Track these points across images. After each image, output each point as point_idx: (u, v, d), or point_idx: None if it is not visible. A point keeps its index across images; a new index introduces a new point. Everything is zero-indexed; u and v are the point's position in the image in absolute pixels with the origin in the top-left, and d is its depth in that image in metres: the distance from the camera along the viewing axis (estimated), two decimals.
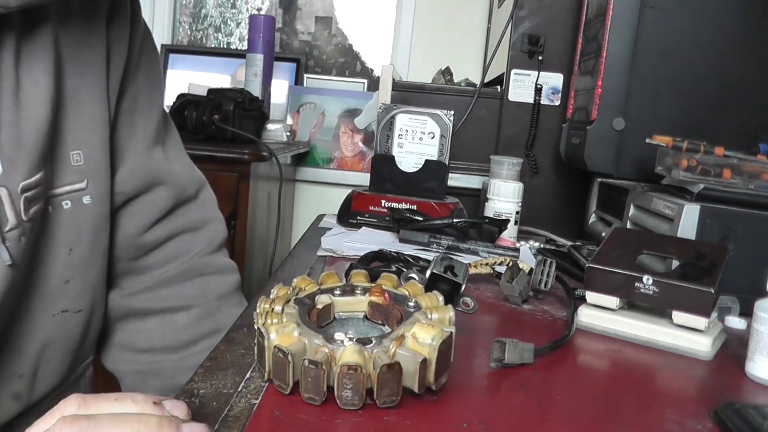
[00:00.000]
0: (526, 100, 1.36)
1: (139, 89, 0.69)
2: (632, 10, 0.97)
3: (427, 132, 1.08)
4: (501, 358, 0.49)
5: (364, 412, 0.40)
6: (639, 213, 0.87)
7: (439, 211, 1.01)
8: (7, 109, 0.55)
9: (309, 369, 0.39)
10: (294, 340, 0.41)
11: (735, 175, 0.77)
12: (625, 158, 0.99)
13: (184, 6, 2.42)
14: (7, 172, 0.55)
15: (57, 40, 0.59)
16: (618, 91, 0.98)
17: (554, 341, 0.55)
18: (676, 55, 0.97)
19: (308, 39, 2.37)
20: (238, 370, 0.46)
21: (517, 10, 1.34)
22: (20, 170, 0.55)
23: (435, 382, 0.41)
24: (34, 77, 0.56)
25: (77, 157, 0.62)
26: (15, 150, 0.55)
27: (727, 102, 0.97)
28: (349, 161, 2.06)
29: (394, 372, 0.39)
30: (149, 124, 0.71)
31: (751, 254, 0.71)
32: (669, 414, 0.45)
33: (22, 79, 0.56)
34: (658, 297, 0.59)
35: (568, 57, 1.29)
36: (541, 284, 0.69)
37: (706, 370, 0.55)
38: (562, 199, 1.36)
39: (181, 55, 2.24)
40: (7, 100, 0.55)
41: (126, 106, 0.68)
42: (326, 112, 2.07)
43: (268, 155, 1.44)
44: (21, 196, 0.56)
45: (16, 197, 0.55)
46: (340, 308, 0.48)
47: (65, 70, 0.60)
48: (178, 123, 1.50)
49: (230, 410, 0.40)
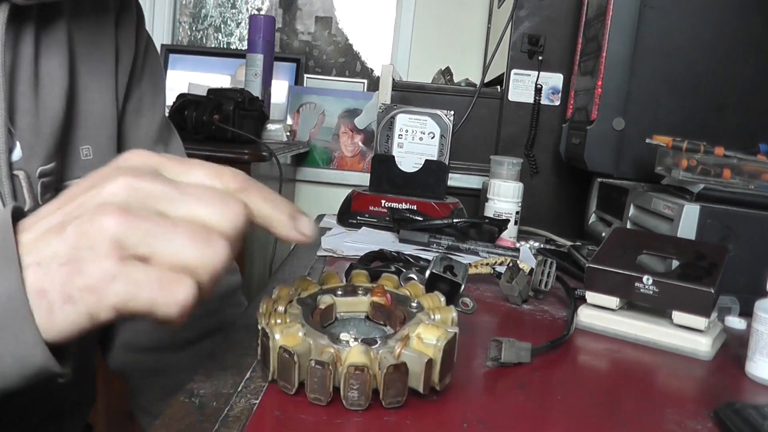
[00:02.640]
0: (526, 100, 1.36)
1: (144, 92, 0.72)
2: (632, 10, 0.97)
3: (427, 132, 1.08)
4: (498, 357, 0.49)
5: (364, 412, 0.40)
6: (639, 213, 0.87)
7: (439, 211, 1.01)
8: (26, 97, 0.57)
9: (315, 369, 0.39)
10: (299, 340, 0.41)
11: (735, 175, 0.77)
12: (625, 158, 0.99)
13: (184, 6, 2.42)
14: (26, 156, 0.57)
15: (70, 38, 0.61)
16: (618, 91, 0.98)
17: (552, 341, 0.55)
18: (676, 55, 0.97)
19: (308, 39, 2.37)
20: (238, 370, 0.46)
21: (517, 10, 1.34)
22: (38, 156, 0.57)
23: (439, 383, 0.41)
24: (50, 71, 0.59)
25: (86, 151, 0.63)
26: (33, 137, 0.57)
27: (727, 102, 0.97)
28: (349, 161, 2.06)
29: (400, 372, 0.39)
30: (152, 124, 0.73)
31: (751, 254, 0.71)
32: (669, 414, 0.45)
33: (40, 72, 0.58)
34: (658, 297, 0.59)
35: (568, 57, 1.29)
36: (541, 284, 0.69)
37: (706, 370, 0.55)
38: (562, 199, 1.36)
39: (181, 55, 2.24)
40: (27, 89, 0.57)
41: (131, 107, 0.70)
42: (326, 112, 2.07)
43: (268, 155, 1.44)
44: (39, 181, 0.58)
45: (34, 181, 0.57)
46: (341, 309, 0.48)
47: (78, 68, 0.62)
48: (178, 123, 1.51)
49: (230, 410, 0.40)
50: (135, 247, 0.34)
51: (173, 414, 0.39)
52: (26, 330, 0.35)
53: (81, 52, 0.62)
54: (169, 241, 0.34)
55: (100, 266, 0.34)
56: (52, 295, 0.35)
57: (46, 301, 0.35)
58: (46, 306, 0.35)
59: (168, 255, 0.34)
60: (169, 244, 0.34)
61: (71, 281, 0.34)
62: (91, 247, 0.34)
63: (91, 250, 0.34)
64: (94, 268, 0.34)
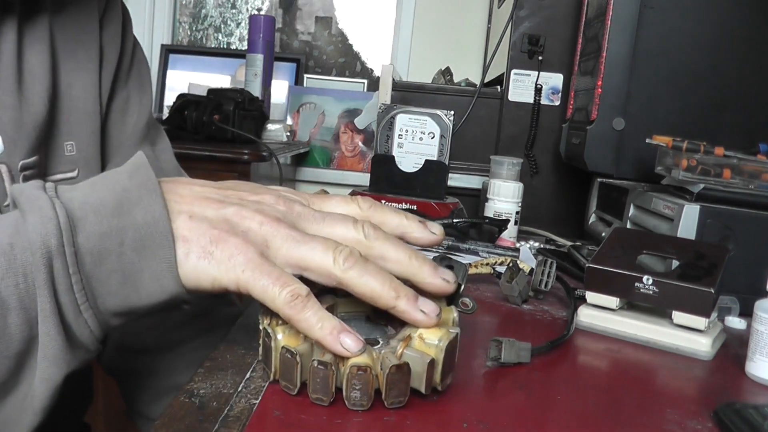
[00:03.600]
0: (526, 100, 1.36)
1: (131, 92, 0.73)
2: (632, 10, 0.97)
3: (427, 132, 1.08)
4: (498, 357, 0.49)
5: (364, 412, 0.40)
6: (639, 213, 0.87)
7: (439, 211, 1.01)
8: (10, 92, 0.58)
9: (318, 370, 0.39)
10: (301, 340, 0.41)
11: (735, 175, 0.77)
12: (625, 158, 0.99)
13: (184, 6, 2.42)
14: (8, 150, 0.57)
15: (52, 35, 0.62)
16: (618, 91, 0.98)
17: (552, 341, 0.55)
18: (676, 55, 0.97)
19: (308, 39, 2.37)
20: (238, 370, 0.46)
21: (517, 10, 1.34)
22: (20, 150, 0.58)
23: (441, 383, 0.41)
24: (32, 69, 0.60)
25: (70, 147, 0.65)
26: (16, 131, 0.58)
27: (727, 102, 0.97)
28: (349, 161, 2.06)
29: (402, 373, 0.39)
30: (139, 122, 0.74)
31: (751, 254, 0.71)
32: (669, 414, 0.45)
33: (22, 68, 0.59)
34: (658, 297, 0.59)
35: (568, 57, 1.29)
36: (541, 284, 0.69)
37: (706, 370, 0.55)
38: (562, 199, 1.36)
39: (181, 55, 2.24)
40: (10, 85, 0.58)
41: (118, 106, 0.72)
42: (326, 112, 2.07)
43: (268, 155, 1.44)
44: (20, 174, 0.58)
45: (15, 174, 0.58)
46: (343, 308, 0.48)
47: (60, 65, 0.63)
48: (178, 123, 1.51)
49: (230, 410, 0.40)
50: (276, 250, 0.41)
51: (173, 414, 0.39)
52: (167, 251, 0.40)
53: (64, 49, 0.64)
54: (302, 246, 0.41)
55: (245, 248, 0.40)
56: (193, 245, 0.40)
57: (186, 247, 0.40)
58: (184, 250, 0.40)
59: (293, 258, 0.41)
60: (300, 249, 0.41)
61: (215, 242, 0.40)
62: (245, 231, 0.41)
63: (243, 233, 0.41)
64: (239, 246, 0.40)
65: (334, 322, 0.40)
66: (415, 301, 0.41)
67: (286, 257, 0.41)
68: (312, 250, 0.41)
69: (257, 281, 0.39)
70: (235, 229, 0.41)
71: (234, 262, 0.40)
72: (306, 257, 0.41)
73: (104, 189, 0.41)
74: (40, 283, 0.38)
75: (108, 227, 0.40)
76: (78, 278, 0.39)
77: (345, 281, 0.41)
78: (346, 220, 0.44)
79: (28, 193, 0.40)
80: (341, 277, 0.41)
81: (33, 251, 0.38)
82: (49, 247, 0.38)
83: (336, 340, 0.39)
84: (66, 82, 0.64)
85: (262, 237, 0.41)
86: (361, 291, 0.41)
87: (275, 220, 0.42)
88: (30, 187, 0.41)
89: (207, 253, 0.40)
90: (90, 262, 0.39)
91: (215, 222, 0.41)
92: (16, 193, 0.41)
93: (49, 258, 0.38)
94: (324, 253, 0.40)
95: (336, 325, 0.40)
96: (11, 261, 0.38)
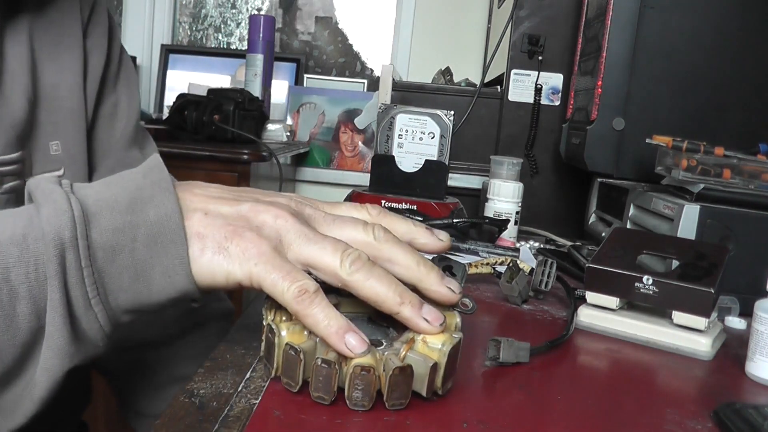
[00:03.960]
0: (526, 100, 1.36)
1: (119, 97, 0.74)
2: (632, 10, 0.97)
3: (427, 132, 1.08)
4: (496, 357, 0.49)
5: (364, 413, 0.40)
6: (639, 213, 0.87)
7: (439, 211, 1.01)
8: None
9: (321, 368, 0.39)
10: (305, 338, 0.41)
11: (735, 175, 0.77)
12: (625, 158, 0.99)
13: (184, 6, 2.42)
14: None
15: (32, 39, 0.63)
16: (618, 91, 0.98)
17: (551, 340, 0.55)
18: (676, 55, 0.97)
19: (308, 39, 2.37)
20: (238, 370, 0.46)
21: (517, 10, 1.34)
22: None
23: (442, 387, 0.41)
24: (12, 69, 0.61)
25: (56, 146, 0.65)
26: None
27: (727, 102, 0.97)
28: (349, 161, 2.06)
29: (405, 375, 0.39)
30: (128, 127, 0.75)
31: (751, 254, 0.71)
32: (669, 414, 0.45)
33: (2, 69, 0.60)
34: (658, 297, 0.59)
35: (568, 57, 1.29)
36: (541, 284, 0.69)
37: (706, 370, 0.55)
38: (562, 199, 1.36)
39: (181, 55, 2.24)
40: None
41: (106, 111, 0.73)
42: (326, 112, 2.07)
43: (268, 155, 1.44)
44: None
45: None
46: (345, 308, 0.48)
47: (43, 68, 0.64)
48: (178, 123, 1.51)
49: (230, 410, 0.40)
50: (288, 245, 0.42)
51: (173, 414, 0.39)
52: (179, 248, 0.41)
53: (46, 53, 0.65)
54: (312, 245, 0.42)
55: (259, 242, 0.41)
56: (209, 241, 0.41)
57: (200, 243, 0.41)
58: (199, 246, 0.41)
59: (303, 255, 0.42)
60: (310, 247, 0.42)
61: (230, 237, 0.41)
62: (260, 226, 0.42)
63: (257, 228, 0.42)
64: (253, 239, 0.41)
65: (341, 321, 0.40)
66: (420, 308, 0.41)
67: (297, 253, 0.42)
68: (321, 250, 0.41)
69: (268, 274, 0.40)
70: (250, 223, 0.42)
71: (248, 255, 0.41)
72: (315, 256, 0.41)
73: (118, 187, 0.42)
74: (51, 273, 0.38)
75: (121, 223, 0.40)
76: (90, 272, 0.39)
77: (350, 284, 0.41)
78: (356, 223, 0.44)
79: (44, 187, 0.40)
80: (347, 279, 0.41)
81: (46, 242, 0.38)
82: (63, 239, 0.38)
83: (341, 339, 0.39)
84: (51, 83, 0.64)
85: (276, 231, 0.42)
86: (366, 294, 0.41)
87: (290, 215, 0.42)
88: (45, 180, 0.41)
89: (222, 249, 0.41)
90: (102, 257, 0.40)
91: (230, 218, 0.42)
92: (31, 186, 0.41)
93: (61, 249, 0.38)
94: (332, 254, 0.41)
95: (343, 324, 0.40)
96: (23, 250, 0.38)
